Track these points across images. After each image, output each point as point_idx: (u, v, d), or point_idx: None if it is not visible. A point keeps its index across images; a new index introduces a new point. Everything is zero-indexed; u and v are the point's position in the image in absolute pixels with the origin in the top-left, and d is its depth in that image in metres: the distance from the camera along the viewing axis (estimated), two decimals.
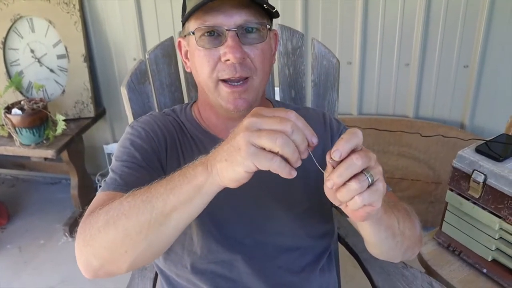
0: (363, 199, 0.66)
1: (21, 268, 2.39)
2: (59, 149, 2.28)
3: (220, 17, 0.90)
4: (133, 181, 0.89)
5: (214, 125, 1.06)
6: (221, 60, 0.93)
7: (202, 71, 0.95)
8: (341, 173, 0.65)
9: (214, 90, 0.96)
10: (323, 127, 1.13)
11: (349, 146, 0.65)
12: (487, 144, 1.37)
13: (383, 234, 0.86)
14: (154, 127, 1.04)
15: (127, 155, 0.98)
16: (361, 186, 0.65)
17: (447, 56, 2.25)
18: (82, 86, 2.51)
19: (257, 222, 1.03)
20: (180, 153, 1.04)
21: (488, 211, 1.30)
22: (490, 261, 1.35)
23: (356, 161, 0.64)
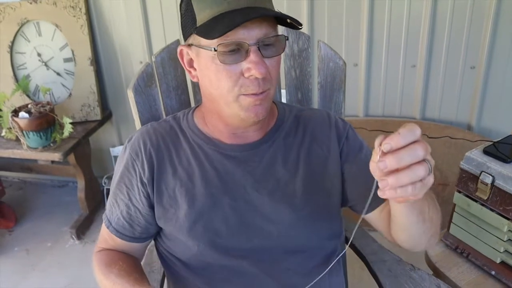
0: (414, 190, 0.66)
1: (28, 270, 2.39)
2: (66, 152, 2.29)
3: (241, 31, 0.87)
4: (116, 224, 1.08)
5: (219, 132, 1.05)
6: (243, 75, 0.91)
7: (221, 86, 0.93)
8: (401, 156, 0.65)
9: (233, 102, 0.94)
10: (328, 126, 1.12)
11: (403, 142, 0.65)
12: (495, 145, 1.37)
13: (415, 219, 0.87)
14: (141, 156, 1.05)
15: (118, 187, 1.08)
16: (425, 174, 0.65)
17: (453, 57, 2.24)
18: (89, 89, 2.52)
19: (259, 227, 1.03)
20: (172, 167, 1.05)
21: (496, 212, 1.30)
22: (499, 263, 1.34)
23: (419, 150, 0.65)
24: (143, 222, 1.06)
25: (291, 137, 1.08)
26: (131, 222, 1.06)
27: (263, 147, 1.06)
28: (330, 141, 1.10)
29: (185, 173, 1.04)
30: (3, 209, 2.69)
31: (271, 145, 1.06)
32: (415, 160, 0.65)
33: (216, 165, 1.04)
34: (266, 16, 0.89)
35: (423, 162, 0.65)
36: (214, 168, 1.04)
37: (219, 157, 1.05)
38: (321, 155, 1.09)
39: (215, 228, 1.02)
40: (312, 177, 1.07)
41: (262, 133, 1.07)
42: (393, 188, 0.67)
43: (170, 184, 1.03)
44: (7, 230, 2.69)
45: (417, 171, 0.65)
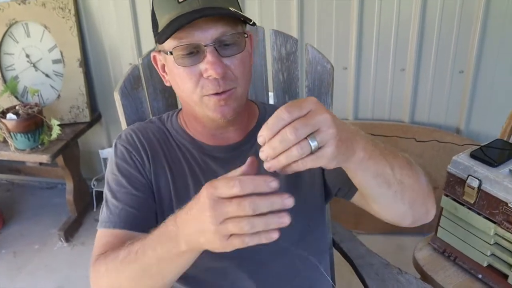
0: (305, 164, 0.67)
1: (16, 273, 2.38)
2: (54, 154, 2.28)
3: (196, 33, 0.88)
4: (124, 215, 0.98)
5: (200, 133, 1.06)
6: (203, 76, 0.91)
7: (185, 88, 0.94)
8: (273, 146, 0.66)
9: (200, 103, 0.95)
10: None
11: (273, 131, 0.66)
12: (482, 149, 1.37)
13: (373, 182, 0.82)
14: (135, 145, 1.04)
15: (116, 183, 1.02)
16: (301, 153, 0.65)
17: (442, 62, 2.26)
18: (78, 91, 2.50)
19: None
20: (166, 164, 1.04)
21: (483, 216, 1.30)
22: (486, 266, 1.34)
23: (289, 135, 0.64)
24: (153, 206, 1.03)
25: None
26: (140, 208, 1.00)
27: (245, 148, 1.06)
28: None
29: (177, 171, 1.04)
30: None
31: (253, 144, 1.06)
32: (289, 144, 0.65)
33: (202, 165, 1.05)
34: (209, 16, 0.88)
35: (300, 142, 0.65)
36: (201, 169, 1.04)
37: (204, 158, 1.05)
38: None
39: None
40: (295, 176, 1.07)
41: (243, 134, 1.07)
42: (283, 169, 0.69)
43: (164, 180, 1.03)
44: None
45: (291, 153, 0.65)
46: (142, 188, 1.02)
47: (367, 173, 0.80)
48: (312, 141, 0.65)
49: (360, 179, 0.82)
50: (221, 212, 0.65)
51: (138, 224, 0.98)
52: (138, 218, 0.99)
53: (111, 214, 1.00)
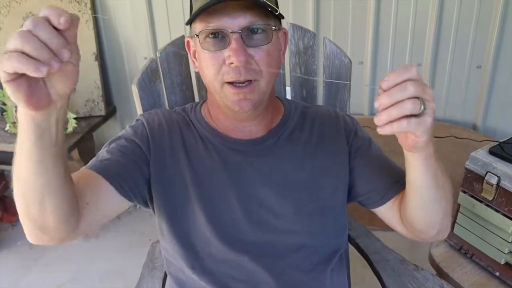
0: (409, 124, 0.68)
1: (31, 265, 2.40)
2: (69, 147, 2.29)
3: (225, 19, 0.88)
4: (107, 165, 0.95)
5: (223, 125, 1.06)
6: (225, 63, 0.91)
7: (208, 73, 0.94)
8: (392, 93, 0.67)
9: (220, 91, 0.95)
10: (335, 122, 1.12)
11: (400, 79, 0.67)
12: (501, 145, 1.36)
13: (429, 181, 0.85)
14: (153, 124, 1.05)
15: (115, 142, 1.02)
16: (413, 108, 0.67)
17: (459, 56, 2.24)
18: (93, 85, 2.51)
19: (265, 221, 1.03)
20: (184, 151, 1.04)
21: (501, 213, 1.29)
22: (503, 264, 1.33)
23: (409, 87, 0.67)
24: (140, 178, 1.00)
25: (297, 132, 1.08)
26: (123, 170, 0.97)
27: (269, 143, 1.05)
28: (338, 137, 1.10)
29: (197, 164, 1.03)
30: (6, 203, 2.69)
31: (277, 140, 1.06)
32: (406, 96, 0.67)
33: (224, 157, 1.04)
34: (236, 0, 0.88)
35: (414, 99, 0.67)
36: (223, 160, 1.04)
37: (227, 150, 1.05)
38: (329, 152, 1.08)
39: (222, 219, 1.02)
40: (318, 173, 1.07)
41: (267, 129, 1.07)
42: (388, 123, 0.69)
43: (181, 170, 1.03)
44: (10, 224, 2.69)
45: (405, 105, 0.67)
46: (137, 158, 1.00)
47: (429, 170, 0.83)
48: (422, 103, 0.68)
49: (421, 176, 0.85)
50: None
51: (110, 176, 0.94)
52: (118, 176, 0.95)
53: (97, 161, 0.97)
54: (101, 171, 0.94)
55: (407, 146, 0.76)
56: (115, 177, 0.95)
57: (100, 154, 1.00)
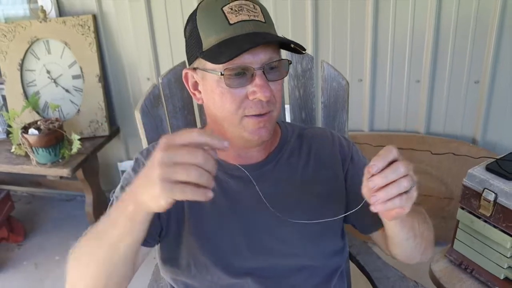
0: (401, 201, 0.75)
1: (37, 285, 2.42)
2: (74, 168, 2.32)
3: (247, 56, 0.90)
4: None
5: (224, 152, 1.06)
6: (247, 98, 0.94)
7: (225, 108, 0.95)
8: (386, 175, 0.74)
9: (238, 124, 0.97)
10: (331, 146, 1.15)
11: (386, 161, 0.75)
12: (498, 162, 1.38)
13: (405, 235, 0.96)
14: None
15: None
16: (408, 185, 0.74)
17: (457, 72, 2.27)
18: (97, 106, 2.55)
19: (265, 246, 1.05)
20: None
21: (499, 229, 1.30)
22: (503, 279, 1.34)
23: (400, 167, 0.74)
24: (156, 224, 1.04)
25: (295, 156, 1.11)
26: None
27: (268, 167, 1.08)
28: (334, 161, 1.13)
29: None
30: (12, 224, 2.72)
31: (275, 165, 1.08)
32: (399, 175, 0.74)
33: (223, 185, 1.06)
34: (272, 42, 0.92)
35: (407, 176, 0.74)
36: (221, 188, 1.06)
37: (225, 177, 1.07)
38: (326, 175, 1.12)
39: (223, 248, 1.04)
40: (318, 196, 1.09)
41: (266, 153, 1.09)
42: (384, 202, 0.75)
43: (178, 206, 1.04)
44: (16, 244, 2.72)
45: (402, 183, 0.74)
46: None
47: (405, 225, 0.93)
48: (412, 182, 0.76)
49: (397, 230, 0.94)
50: (171, 154, 0.69)
51: None
52: None
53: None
54: None
55: (390, 217, 0.81)
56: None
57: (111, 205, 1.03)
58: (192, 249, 1.04)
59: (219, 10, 0.92)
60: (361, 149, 2.36)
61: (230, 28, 0.91)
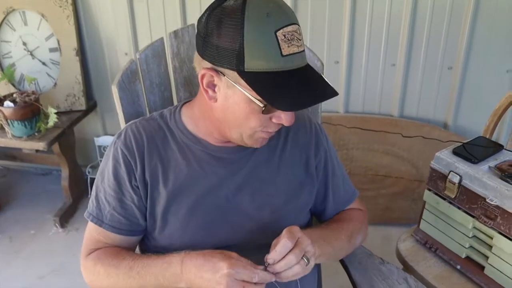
0: (299, 275, 0.95)
1: (12, 257, 2.42)
2: (50, 142, 2.31)
3: None
4: (111, 219, 1.08)
5: (209, 135, 1.10)
6: (270, 119, 0.98)
7: (247, 124, 0.99)
8: (281, 266, 0.93)
9: (249, 136, 1.01)
10: (308, 130, 1.20)
11: (281, 255, 0.93)
12: (464, 146, 1.43)
13: (333, 258, 1.21)
14: (132, 149, 1.08)
15: (108, 184, 1.09)
16: (302, 270, 0.95)
17: (432, 58, 2.31)
18: (74, 80, 2.54)
19: (242, 225, 1.10)
20: (160, 164, 1.08)
21: (462, 210, 1.36)
22: (464, 258, 1.40)
23: (292, 259, 0.93)
24: (139, 216, 1.08)
25: (274, 140, 1.14)
26: (127, 216, 1.08)
27: (248, 150, 1.11)
28: (309, 147, 1.18)
29: (174, 175, 1.07)
30: None
31: (256, 148, 1.10)
32: (292, 264, 0.93)
33: (203, 165, 1.09)
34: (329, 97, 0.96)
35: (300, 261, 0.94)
36: (202, 168, 1.08)
37: (207, 157, 1.09)
38: (300, 159, 1.17)
39: (200, 226, 1.07)
40: (293, 179, 1.14)
41: None
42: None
43: (161, 191, 1.07)
44: None
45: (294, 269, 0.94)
46: (129, 196, 1.07)
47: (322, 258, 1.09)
48: (305, 259, 0.95)
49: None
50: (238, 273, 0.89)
51: (122, 229, 1.09)
52: (124, 224, 1.08)
53: (99, 212, 1.09)
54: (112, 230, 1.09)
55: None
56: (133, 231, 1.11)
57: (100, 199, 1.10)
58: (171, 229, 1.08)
59: (272, 35, 0.88)
60: (335, 130, 2.41)
61: (282, 60, 0.90)
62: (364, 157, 2.40)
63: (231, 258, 0.91)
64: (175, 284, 0.98)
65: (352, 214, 1.27)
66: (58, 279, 2.28)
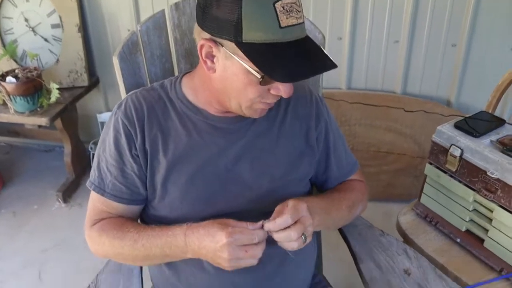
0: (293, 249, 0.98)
1: (16, 232, 2.45)
2: (53, 117, 2.32)
3: None
4: (112, 188, 1.09)
5: (208, 104, 1.10)
6: (269, 91, 0.99)
7: (245, 95, 0.99)
8: (279, 237, 0.96)
9: (248, 106, 1.02)
10: (309, 101, 1.20)
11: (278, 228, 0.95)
12: (466, 120, 1.43)
13: (332, 227, 1.25)
14: (132, 119, 1.08)
15: (109, 154, 1.09)
16: (298, 245, 0.97)
17: (436, 34, 2.29)
18: (76, 56, 2.53)
19: (241, 194, 1.10)
20: (160, 135, 1.08)
21: (463, 184, 1.36)
22: (464, 231, 1.41)
23: (293, 236, 0.95)
24: (140, 185, 1.09)
25: (274, 110, 1.13)
26: (128, 185, 1.09)
27: (248, 120, 1.11)
28: (310, 118, 1.18)
29: (174, 145, 1.08)
30: None
31: (256, 118, 1.10)
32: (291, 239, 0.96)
33: (203, 135, 1.09)
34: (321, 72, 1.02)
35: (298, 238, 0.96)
36: (201, 138, 1.09)
37: (207, 127, 1.10)
38: (301, 130, 1.17)
39: (199, 195, 1.08)
40: (293, 150, 1.14)
41: None
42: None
43: (161, 160, 1.07)
44: None
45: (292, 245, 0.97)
46: (130, 165, 1.08)
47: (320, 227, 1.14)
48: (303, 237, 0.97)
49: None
50: (237, 256, 0.92)
51: (124, 198, 1.10)
52: (125, 193, 1.09)
53: (101, 181, 1.10)
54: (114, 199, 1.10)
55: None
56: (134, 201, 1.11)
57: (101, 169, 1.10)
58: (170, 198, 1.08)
59: (270, 6, 0.88)
60: (338, 105, 2.41)
61: (280, 31, 0.89)
62: (366, 133, 2.40)
63: (228, 227, 0.93)
64: (182, 255, 1.00)
65: (353, 184, 1.28)
66: (60, 253, 2.31)
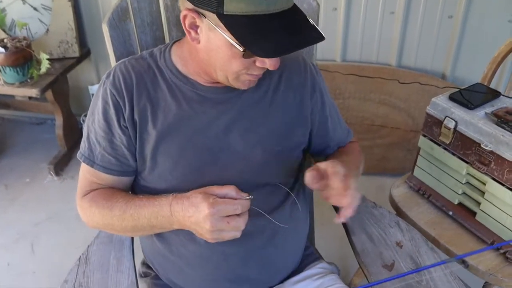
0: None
1: (8, 205, 2.44)
2: (43, 88, 2.29)
3: None
4: (102, 159, 1.08)
5: (197, 74, 1.08)
6: (254, 63, 0.97)
7: (230, 68, 0.97)
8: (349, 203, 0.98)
9: (234, 78, 1.00)
10: (303, 71, 1.17)
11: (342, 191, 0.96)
12: (461, 92, 1.41)
13: None
14: (121, 89, 1.06)
15: (98, 125, 1.07)
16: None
17: (432, 6, 2.26)
18: (67, 26, 2.48)
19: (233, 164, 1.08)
20: (149, 104, 1.06)
21: (457, 156, 1.36)
22: (457, 204, 1.41)
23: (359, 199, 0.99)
24: (130, 156, 1.08)
25: (266, 80, 1.11)
26: (117, 157, 1.07)
27: (238, 91, 1.08)
28: (303, 88, 1.16)
29: (163, 115, 1.06)
30: None
31: (245, 89, 1.08)
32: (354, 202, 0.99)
33: (193, 105, 1.07)
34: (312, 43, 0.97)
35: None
36: (191, 108, 1.07)
37: (196, 97, 1.08)
38: (294, 100, 1.14)
39: (190, 165, 1.06)
40: (285, 120, 1.12)
41: None
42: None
43: (150, 131, 1.06)
44: None
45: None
46: (118, 137, 1.06)
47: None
48: None
49: None
50: (219, 227, 0.90)
51: (113, 170, 1.09)
52: (114, 165, 1.08)
53: (91, 152, 1.09)
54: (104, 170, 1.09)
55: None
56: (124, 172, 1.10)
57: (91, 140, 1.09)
58: (161, 168, 1.07)
59: None
60: (332, 77, 2.39)
61: (264, 2, 0.86)
62: (360, 106, 2.38)
63: (210, 197, 0.91)
64: (169, 226, 0.99)
65: (353, 146, 1.30)
66: (53, 226, 2.31)
